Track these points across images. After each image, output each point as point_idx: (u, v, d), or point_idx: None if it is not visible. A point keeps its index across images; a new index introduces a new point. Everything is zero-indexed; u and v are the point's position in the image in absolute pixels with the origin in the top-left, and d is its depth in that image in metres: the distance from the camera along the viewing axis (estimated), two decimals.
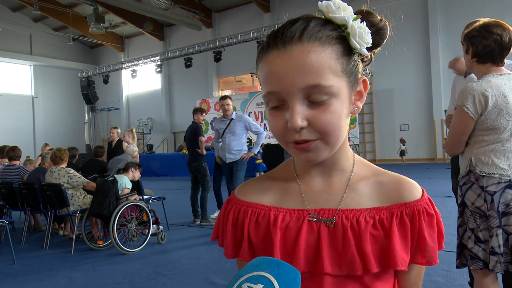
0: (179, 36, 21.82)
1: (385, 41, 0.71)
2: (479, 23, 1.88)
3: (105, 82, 19.85)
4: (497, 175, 1.80)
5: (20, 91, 23.30)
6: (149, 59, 18.84)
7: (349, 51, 0.64)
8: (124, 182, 4.72)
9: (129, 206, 4.44)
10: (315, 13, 0.66)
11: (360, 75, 0.68)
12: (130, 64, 19.54)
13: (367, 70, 0.73)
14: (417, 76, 15.73)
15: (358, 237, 0.66)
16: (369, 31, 0.65)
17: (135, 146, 6.33)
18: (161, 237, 4.75)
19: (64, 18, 20.73)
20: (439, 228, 0.69)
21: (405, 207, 0.68)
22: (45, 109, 24.00)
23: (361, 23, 0.64)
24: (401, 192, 0.70)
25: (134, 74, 19.13)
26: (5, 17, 20.66)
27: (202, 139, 5.74)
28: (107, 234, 4.59)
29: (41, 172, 5.32)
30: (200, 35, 19.93)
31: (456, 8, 14.73)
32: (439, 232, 0.69)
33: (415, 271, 0.72)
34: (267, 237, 0.70)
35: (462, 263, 1.93)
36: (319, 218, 0.69)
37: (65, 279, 3.58)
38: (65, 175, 4.69)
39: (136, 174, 5.09)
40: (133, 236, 4.64)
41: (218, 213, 6.96)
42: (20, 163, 6.16)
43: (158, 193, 6.27)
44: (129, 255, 4.25)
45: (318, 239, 0.68)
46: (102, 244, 4.64)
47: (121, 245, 4.29)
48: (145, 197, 5.18)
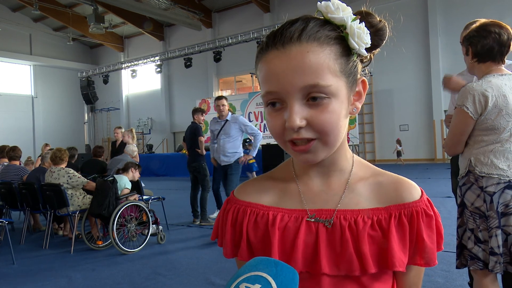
0: (179, 36, 21.82)
1: (384, 42, 0.71)
2: (476, 24, 1.89)
3: (105, 82, 19.86)
4: (497, 176, 1.80)
5: (19, 91, 23.30)
6: (149, 59, 18.85)
7: (348, 51, 0.65)
8: (123, 182, 4.72)
9: (128, 206, 4.44)
10: (315, 13, 0.66)
11: (359, 75, 0.68)
12: (130, 64, 19.55)
13: (366, 70, 0.73)
14: (416, 76, 15.74)
15: (356, 237, 0.66)
16: (368, 32, 0.66)
17: (135, 146, 6.33)
18: (161, 237, 4.75)
19: (64, 18, 20.73)
20: (438, 229, 0.69)
21: (403, 208, 0.68)
22: (45, 109, 24.01)
23: (360, 23, 0.64)
24: (400, 192, 0.70)
25: (134, 74, 19.15)
26: (5, 17, 20.66)
27: (202, 139, 5.72)
28: (107, 234, 4.59)
29: (40, 172, 5.32)
30: (200, 35, 19.94)
31: (456, 8, 14.74)
32: (438, 233, 0.69)
33: (414, 272, 0.72)
34: (265, 237, 0.70)
35: (461, 263, 1.94)
36: (317, 218, 0.69)
37: (65, 279, 3.58)
38: (65, 175, 4.69)
39: (135, 174, 5.09)
40: (133, 236, 4.64)
41: (217, 213, 7.00)
42: (21, 163, 6.15)
43: (157, 193, 6.27)
44: (128, 255, 4.25)
45: (316, 239, 0.68)
46: (101, 244, 4.64)
47: (121, 245, 4.29)
48: (144, 197, 5.17)
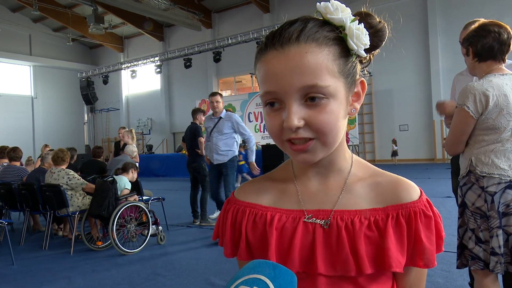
0: (178, 36, 21.84)
1: (384, 43, 0.71)
2: (476, 25, 1.89)
3: (105, 82, 19.85)
4: (497, 176, 1.80)
5: (19, 91, 23.32)
6: (148, 60, 18.84)
7: (346, 52, 0.65)
8: (123, 182, 4.71)
9: (128, 206, 4.44)
10: (314, 14, 0.66)
11: (358, 76, 0.68)
12: (129, 64, 19.54)
13: (365, 71, 0.73)
14: (416, 76, 15.75)
15: (352, 238, 0.66)
16: (367, 33, 0.66)
17: (135, 146, 6.33)
18: (161, 237, 4.75)
19: (63, 18, 20.74)
20: (438, 230, 0.68)
21: (401, 208, 0.67)
22: (45, 109, 24.02)
23: (359, 24, 0.64)
24: (398, 193, 0.69)
25: (133, 74, 19.15)
26: (4, 17, 20.67)
27: (201, 140, 5.69)
28: (106, 235, 4.59)
29: (40, 172, 5.31)
30: (199, 35, 19.95)
31: (455, 8, 14.75)
32: (438, 234, 0.68)
33: (414, 273, 0.71)
34: (263, 237, 0.71)
35: (462, 263, 1.93)
36: (314, 219, 0.69)
37: (64, 280, 3.58)
38: (65, 176, 4.68)
39: (135, 174, 5.09)
40: (133, 237, 4.63)
41: (217, 214, 6.86)
42: (22, 164, 6.15)
43: (157, 193, 6.27)
44: (128, 256, 4.25)
45: (313, 239, 0.68)
46: (101, 245, 4.63)
47: (121, 246, 4.28)
48: (144, 197, 5.17)
